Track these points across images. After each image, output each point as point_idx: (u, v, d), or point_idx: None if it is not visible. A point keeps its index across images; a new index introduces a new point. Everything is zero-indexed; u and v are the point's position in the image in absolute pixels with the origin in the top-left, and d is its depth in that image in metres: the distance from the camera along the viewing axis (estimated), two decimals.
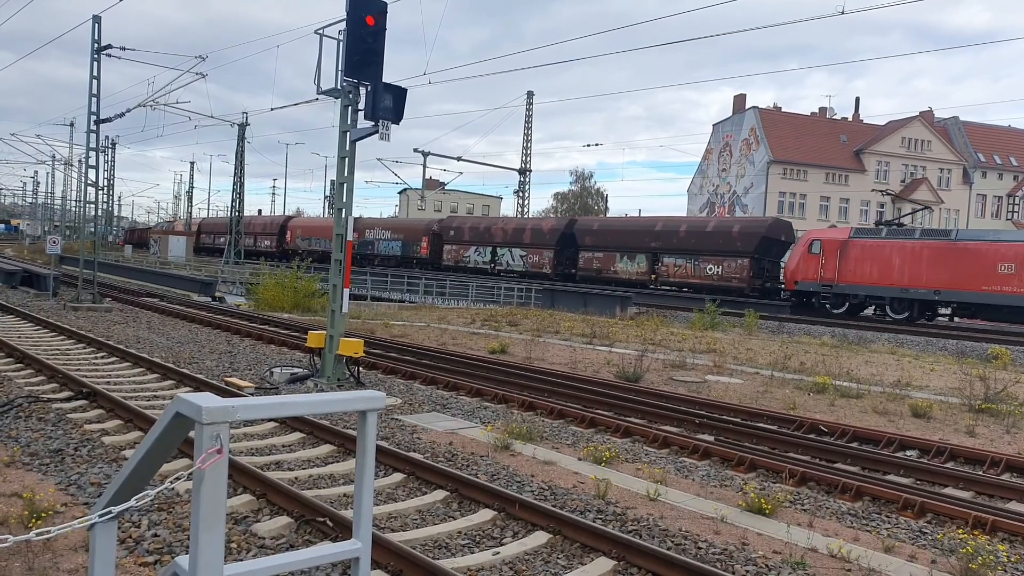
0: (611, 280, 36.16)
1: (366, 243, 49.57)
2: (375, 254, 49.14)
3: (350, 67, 10.63)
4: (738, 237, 32.03)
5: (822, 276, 28.22)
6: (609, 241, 36.95)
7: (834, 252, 27.93)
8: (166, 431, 2.16)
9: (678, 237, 34.05)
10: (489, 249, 42.63)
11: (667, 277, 34.39)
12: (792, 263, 29.69)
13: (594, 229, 38.55)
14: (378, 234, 49.94)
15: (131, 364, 11.80)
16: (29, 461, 6.60)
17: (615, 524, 5.73)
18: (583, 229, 38.82)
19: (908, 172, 59.90)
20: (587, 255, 37.87)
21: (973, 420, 10.46)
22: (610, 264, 36.67)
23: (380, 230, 50.44)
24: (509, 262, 41.66)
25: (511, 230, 42.33)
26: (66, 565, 4.51)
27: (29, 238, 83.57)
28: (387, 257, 48.51)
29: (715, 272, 32.61)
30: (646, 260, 35.21)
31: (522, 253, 41.00)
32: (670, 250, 34.33)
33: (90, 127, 21.73)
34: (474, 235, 44.05)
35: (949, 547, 5.63)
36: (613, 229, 38.15)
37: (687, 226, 34.74)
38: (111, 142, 62.89)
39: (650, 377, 13.04)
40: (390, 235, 49.06)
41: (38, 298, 23.10)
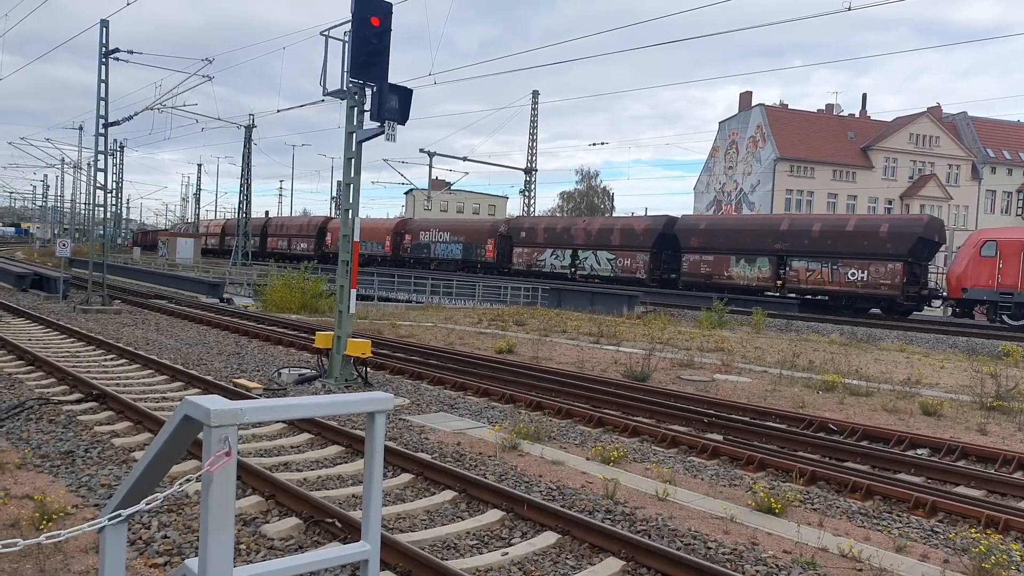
0: (723, 287, 32.11)
1: (420, 246, 46.94)
2: (431, 258, 46.27)
3: (355, 68, 10.64)
4: (888, 238, 27.88)
5: (1000, 283, 24.76)
6: (720, 242, 32.56)
7: (1016, 255, 24.50)
8: (175, 434, 2.16)
9: (810, 237, 29.76)
10: (568, 252, 38.80)
11: (796, 283, 30.28)
12: (959, 267, 26.20)
13: (701, 228, 34.11)
14: (435, 236, 46.45)
15: (140, 366, 11.85)
16: (40, 463, 6.63)
17: (624, 524, 5.72)
18: (687, 229, 34.56)
19: (916, 169, 59.54)
20: (692, 258, 33.57)
21: (984, 418, 10.38)
22: (722, 268, 32.39)
23: (437, 232, 46.80)
24: (594, 266, 37.72)
25: (595, 231, 38.24)
26: (77, 567, 4.53)
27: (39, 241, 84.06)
28: (445, 261, 45.23)
29: (859, 278, 28.32)
30: (769, 264, 30.86)
31: (610, 256, 36.97)
32: (800, 252, 29.99)
33: (98, 130, 21.86)
34: (550, 237, 40.04)
35: (961, 546, 5.58)
36: (725, 228, 33.67)
37: (821, 225, 30.31)
38: (119, 145, 63.24)
39: (658, 376, 13.01)
40: (449, 237, 45.43)
41: (48, 301, 23.25)
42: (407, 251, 47.94)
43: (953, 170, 60.31)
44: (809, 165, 57.66)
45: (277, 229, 60.94)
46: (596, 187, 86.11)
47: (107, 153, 22.55)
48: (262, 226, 62.23)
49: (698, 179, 68.08)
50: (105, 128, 21.95)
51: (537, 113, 53.21)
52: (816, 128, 59.15)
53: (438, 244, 45.97)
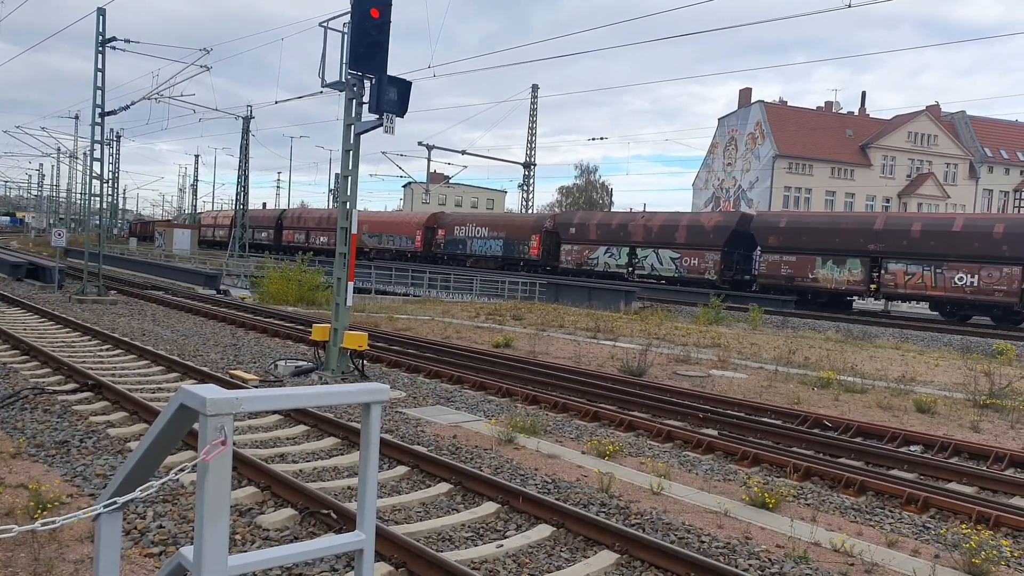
0: (807, 289, 29.92)
1: (455, 242, 44.53)
2: (467, 254, 43.69)
3: (355, 60, 10.61)
4: (1004, 239, 25.11)
5: None
6: (804, 241, 29.95)
7: None
8: (170, 423, 2.17)
9: (910, 238, 27.30)
10: (625, 250, 35.95)
11: (893, 287, 27.81)
12: None
13: (781, 226, 31.07)
14: (472, 231, 43.86)
15: (136, 356, 11.84)
16: (35, 452, 6.63)
17: (618, 518, 5.74)
18: (766, 226, 31.63)
19: (914, 167, 59.64)
20: (772, 258, 30.88)
21: (978, 415, 10.43)
22: (806, 270, 29.80)
23: (474, 227, 44.11)
24: (655, 266, 34.93)
25: (657, 227, 35.21)
26: (72, 556, 4.54)
27: (34, 231, 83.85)
28: (484, 258, 42.59)
29: (968, 283, 25.89)
30: (861, 266, 28.35)
31: (674, 255, 34.13)
32: (898, 254, 27.51)
33: (95, 120, 21.77)
34: (604, 233, 37.01)
35: (953, 542, 5.62)
36: (811, 226, 30.55)
37: (923, 224, 27.64)
38: (116, 135, 62.98)
39: (654, 371, 13.04)
40: (488, 232, 42.84)
41: (43, 290, 23.19)
42: (440, 247, 45.66)
43: (951, 169, 60.42)
44: (807, 162, 57.70)
45: (294, 221, 58.02)
46: (595, 182, 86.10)
47: (103, 142, 22.47)
48: (276, 218, 59.74)
49: (697, 175, 68.11)
50: (102, 117, 21.87)
51: (536, 107, 53.15)
52: (815, 125, 59.17)
53: (475, 240, 43.38)
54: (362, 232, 49.92)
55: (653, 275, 35.17)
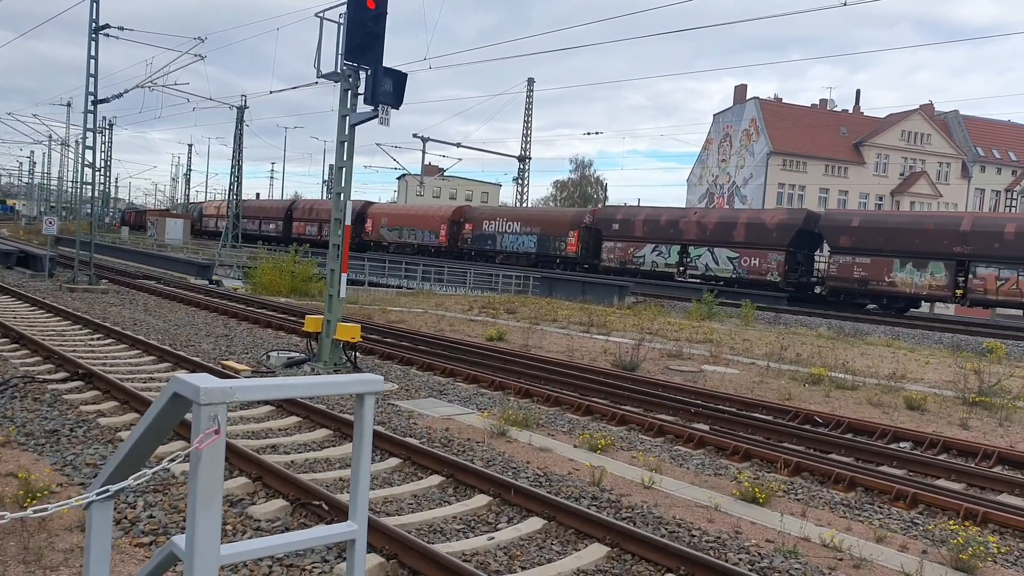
0: (883, 294, 27.88)
1: (484, 237, 42.19)
2: (497, 250, 41.39)
3: (350, 51, 10.56)
4: None
5: None
6: (880, 242, 27.66)
7: None
8: (163, 412, 2.16)
9: (1002, 240, 25.18)
10: (676, 248, 33.49)
11: (983, 294, 25.71)
12: None
13: (854, 226, 28.70)
14: (502, 226, 41.26)
15: (127, 346, 11.79)
16: (24, 441, 6.60)
17: (610, 511, 5.76)
18: (836, 225, 29.37)
19: (907, 165, 59.85)
20: (843, 260, 28.61)
21: (967, 413, 10.51)
22: (881, 273, 27.56)
23: (505, 221, 41.41)
24: (709, 265, 32.38)
25: (712, 224, 32.63)
26: (61, 545, 4.52)
27: (25, 218, 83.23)
28: (516, 255, 40.27)
29: None
30: (944, 270, 26.27)
31: (731, 255, 31.65)
32: (988, 257, 25.33)
33: (87, 107, 21.60)
34: (651, 230, 34.47)
35: (940, 538, 5.67)
36: (888, 226, 28.19)
37: (1018, 226, 25.26)
38: (108, 123, 62.49)
39: (646, 366, 13.07)
40: (520, 228, 40.32)
41: (34, 279, 23.04)
42: (467, 242, 43.47)
43: (943, 168, 60.68)
44: (801, 159, 57.82)
45: (306, 213, 54.78)
46: (590, 177, 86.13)
47: (96, 131, 22.31)
48: (286, 209, 57.12)
49: (691, 171, 68.17)
50: (94, 105, 21.69)
51: (532, 101, 53.01)
52: (809, 123, 59.26)
53: (506, 235, 40.86)
54: (380, 225, 48.37)
55: (707, 275, 32.53)
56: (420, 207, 51.38)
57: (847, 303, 28.46)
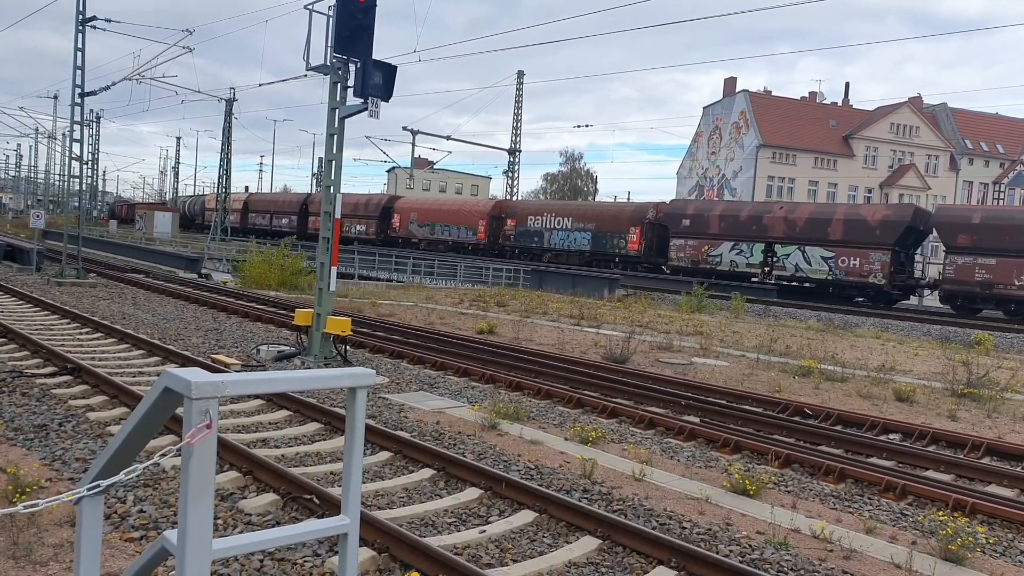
0: (1011, 299, 25.06)
1: (528, 234, 39.08)
2: (544, 248, 38.45)
3: (340, 43, 10.49)
4: None
5: None
6: (1009, 241, 24.47)
7: None
8: (154, 406, 2.14)
9: None
10: (759, 247, 30.40)
11: None
12: None
13: (975, 223, 25.63)
14: (550, 222, 38.21)
15: (116, 340, 11.70)
16: (13, 436, 6.55)
17: (601, 504, 5.78)
18: (953, 222, 26.41)
19: (896, 158, 60.18)
20: (961, 260, 25.60)
21: (955, 405, 10.60)
22: (1011, 275, 24.61)
23: (554, 216, 38.26)
24: (800, 265, 29.32)
25: (803, 220, 29.58)
26: (51, 540, 4.49)
27: (12, 212, 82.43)
28: (566, 253, 37.21)
29: None
30: None
31: (826, 254, 28.81)
32: None
33: (74, 100, 21.37)
34: (730, 226, 31.48)
35: (929, 529, 5.72)
36: (1017, 223, 24.85)
37: None
38: (96, 116, 61.91)
39: (637, 359, 13.11)
40: (571, 223, 37.24)
41: (21, 272, 22.83)
42: (509, 239, 40.51)
43: (932, 160, 61.04)
44: (791, 152, 58.03)
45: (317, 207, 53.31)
46: (580, 169, 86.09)
47: (83, 123, 22.08)
48: (301, 203, 54.22)
49: (681, 164, 68.29)
50: (81, 98, 21.47)
51: (522, 93, 52.90)
52: (799, 116, 59.44)
53: (555, 232, 37.94)
54: (409, 220, 45.67)
55: (798, 277, 29.79)
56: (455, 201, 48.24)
57: (965, 308, 26.43)
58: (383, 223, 46.90)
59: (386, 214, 46.94)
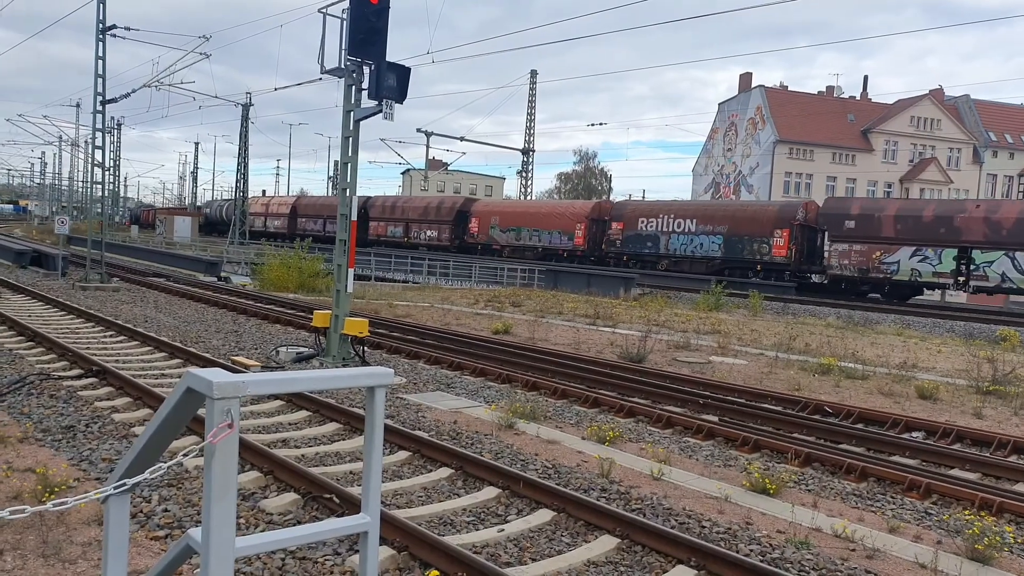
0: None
1: (640, 238, 34.49)
2: (661, 254, 33.79)
3: (353, 46, 10.56)
4: None
5: None
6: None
7: None
8: (177, 406, 2.18)
9: None
10: (950, 253, 25.65)
11: None
12: None
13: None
14: (668, 224, 33.58)
15: (139, 343, 11.87)
16: (42, 437, 6.67)
17: (619, 503, 5.78)
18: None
19: (916, 152, 59.38)
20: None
21: (980, 402, 10.45)
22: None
23: (673, 219, 33.46)
24: (1008, 275, 24.66)
25: (1011, 221, 24.64)
26: (79, 538, 4.58)
27: (37, 219, 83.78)
28: (688, 260, 32.86)
29: None
30: None
31: None
32: None
33: (96, 108, 21.70)
34: (908, 228, 26.63)
35: (955, 528, 5.65)
36: None
37: None
38: (117, 123, 62.79)
39: (654, 358, 13.06)
40: (695, 226, 32.67)
41: (47, 278, 23.22)
42: (615, 244, 35.66)
43: (954, 153, 60.15)
44: (808, 148, 57.46)
45: (386, 211, 47.62)
46: (594, 168, 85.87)
47: (104, 130, 22.41)
48: (362, 207, 48.90)
49: (697, 161, 67.87)
50: (103, 105, 21.79)
51: (535, 93, 52.86)
52: (816, 110, 58.84)
53: (674, 236, 33.23)
54: (490, 225, 41.46)
55: (1006, 288, 25.41)
56: (546, 203, 43.17)
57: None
58: (458, 228, 42.78)
59: (462, 219, 42.81)
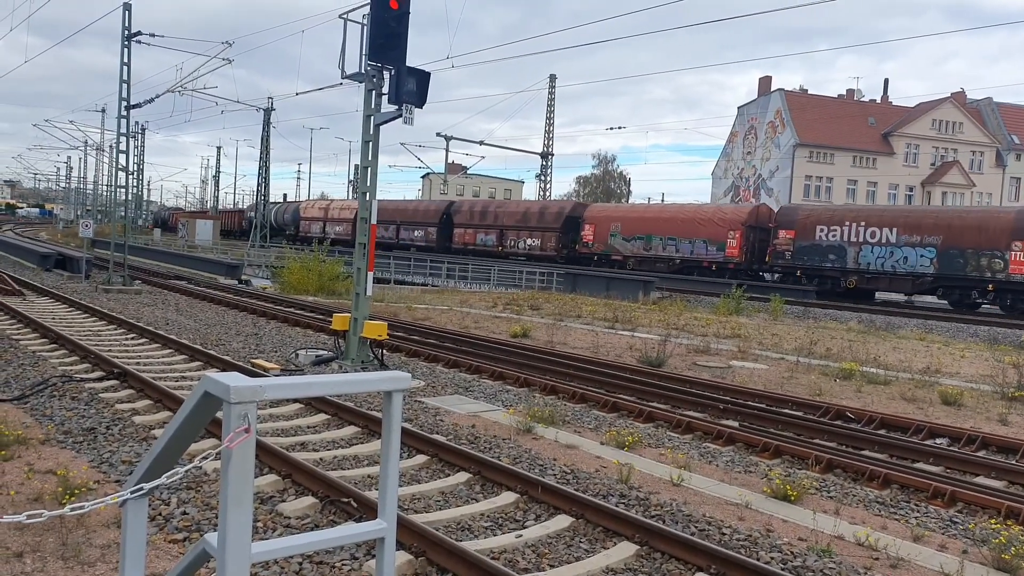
0: None
1: (817, 250, 29.17)
2: (848, 269, 28.45)
3: (374, 51, 10.62)
4: None
5: None
6: None
7: None
8: (195, 410, 2.18)
9: None
10: None
11: None
12: None
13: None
14: (856, 234, 28.30)
15: (160, 345, 11.99)
16: (63, 439, 6.75)
17: (638, 509, 5.72)
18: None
19: (938, 155, 58.56)
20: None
21: (1006, 408, 10.25)
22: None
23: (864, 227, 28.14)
24: None
25: None
26: (98, 541, 4.61)
27: (62, 222, 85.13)
28: (887, 276, 27.63)
29: None
30: None
31: None
32: None
33: (120, 113, 22.02)
34: None
35: (981, 537, 5.53)
36: None
37: None
38: (141, 128, 63.62)
39: (673, 362, 12.96)
40: (897, 236, 27.32)
41: (71, 280, 23.56)
42: (783, 256, 30.43)
43: (976, 157, 59.26)
44: (829, 151, 56.89)
45: (473, 216, 43.20)
46: (613, 172, 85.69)
47: (129, 135, 22.72)
48: (443, 212, 45.22)
49: (716, 164, 67.47)
50: (127, 110, 22.10)
51: (554, 97, 52.85)
52: (836, 114, 58.27)
53: (867, 247, 27.81)
54: (609, 233, 36.73)
55: None
56: (687, 208, 36.21)
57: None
58: (567, 236, 38.42)
59: (572, 225, 38.30)
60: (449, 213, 44.81)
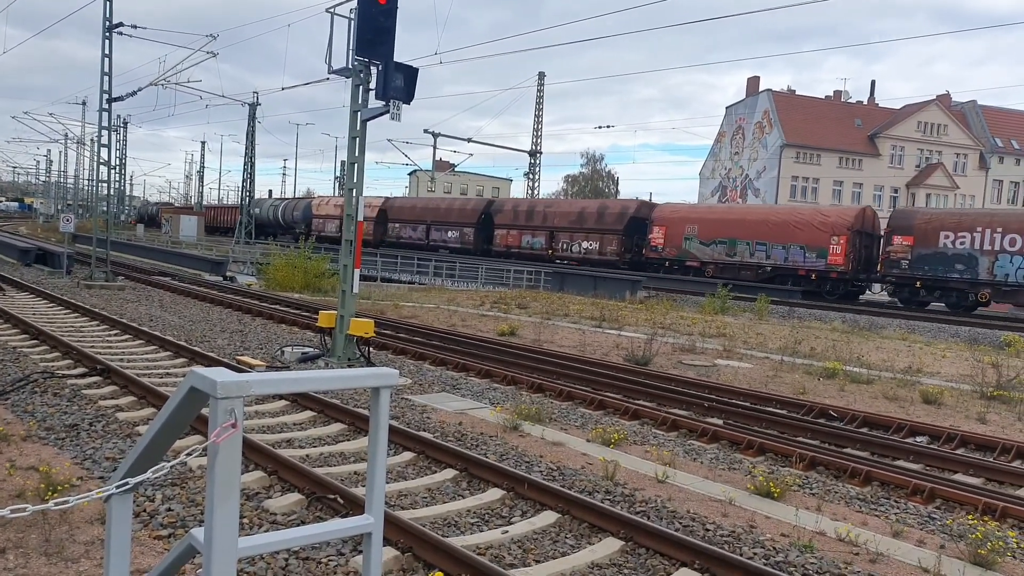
0: None
1: (942, 259, 25.55)
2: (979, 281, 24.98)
3: (361, 46, 10.58)
4: None
5: None
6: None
7: None
8: (181, 405, 2.18)
9: None
10: None
11: None
12: None
13: None
14: (989, 241, 24.80)
15: (144, 342, 11.90)
16: (45, 435, 6.69)
17: (623, 505, 5.76)
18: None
19: (923, 157, 59.19)
20: None
21: (985, 407, 10.40)
22: None
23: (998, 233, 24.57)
24: None
25: None
26: (82, 537, 4.58)
27: (42, 216, 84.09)
28: None
29: None
30: None
31: None
32: None
33: (102, 106, 21.77)
34: None
35: (958, 532, 5.62)
36: None
37: None
38: (123, 121, 63.02)
39: (659, 361, 13.03)
40: None
41: (52, 276, 23.30)
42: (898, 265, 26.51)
43: (960, 159, 59.95)
44: (815, 152, 57.33)
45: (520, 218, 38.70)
46: (601, 171, 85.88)
47: (110, 129, 22.48)
48: (481, 211, 41.19)
49: (704, 164, 67.80)
50: (108, 103, 21.86)
51: (543, 95, 52.84)
52: (823, 115, 58.74)
53: (1004, 256, 24.55)
54: (684, 236, 32.32)
55: None
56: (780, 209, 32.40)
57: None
58: (630, 240, 34.29)
59: (637, 227, 34.12)
60: (489, 212, 40.65)
